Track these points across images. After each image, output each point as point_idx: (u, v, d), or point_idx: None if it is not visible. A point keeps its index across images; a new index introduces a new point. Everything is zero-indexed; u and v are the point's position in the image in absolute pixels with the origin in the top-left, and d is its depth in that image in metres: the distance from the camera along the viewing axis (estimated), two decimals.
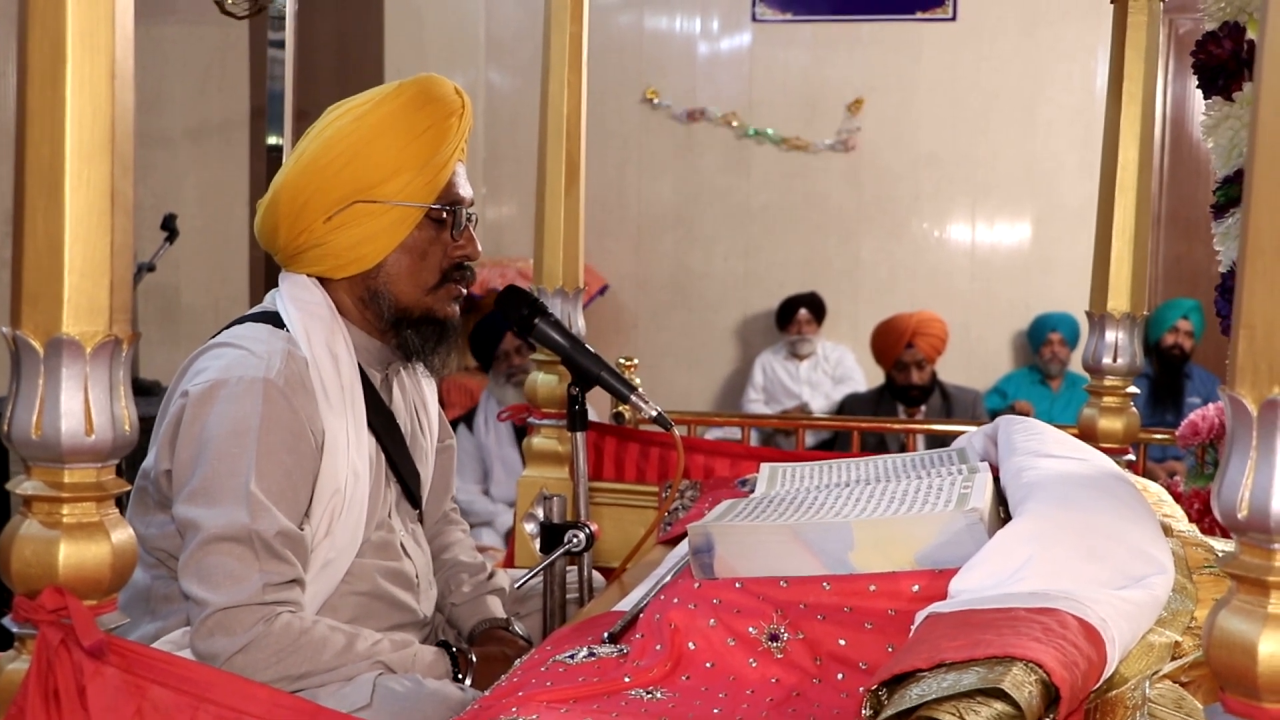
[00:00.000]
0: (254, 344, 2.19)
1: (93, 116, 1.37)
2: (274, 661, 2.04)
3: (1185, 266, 7.80)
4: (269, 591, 2.05)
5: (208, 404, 2.12)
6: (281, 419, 2.13)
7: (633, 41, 8.13)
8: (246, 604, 2.04)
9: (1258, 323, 1.11)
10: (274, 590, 2.06)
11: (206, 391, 2.13)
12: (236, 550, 2.05)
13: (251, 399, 2.11)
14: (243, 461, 2.08)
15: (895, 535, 1.78)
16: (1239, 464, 1.12)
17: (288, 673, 2.06)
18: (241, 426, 2.10)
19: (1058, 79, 7.81)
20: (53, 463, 1.41)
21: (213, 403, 2.12)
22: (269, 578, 2.06)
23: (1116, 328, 2.95)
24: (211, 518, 2.06)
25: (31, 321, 1.39)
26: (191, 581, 2.05)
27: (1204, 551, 1.84)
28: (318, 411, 2.19)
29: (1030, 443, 2.06)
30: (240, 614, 2.04)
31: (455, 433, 2.85)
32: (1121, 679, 1.45)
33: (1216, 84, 2.87)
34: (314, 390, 2.19)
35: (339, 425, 2.22)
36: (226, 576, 2.04)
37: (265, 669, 2.03)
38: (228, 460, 2.09)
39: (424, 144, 2.27)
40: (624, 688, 1.67)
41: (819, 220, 8.06)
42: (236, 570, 2.05)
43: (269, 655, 2.04)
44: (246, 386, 2.12)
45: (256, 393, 2.12)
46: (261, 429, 2.10)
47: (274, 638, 2.04)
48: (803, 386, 7.71)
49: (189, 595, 2.07)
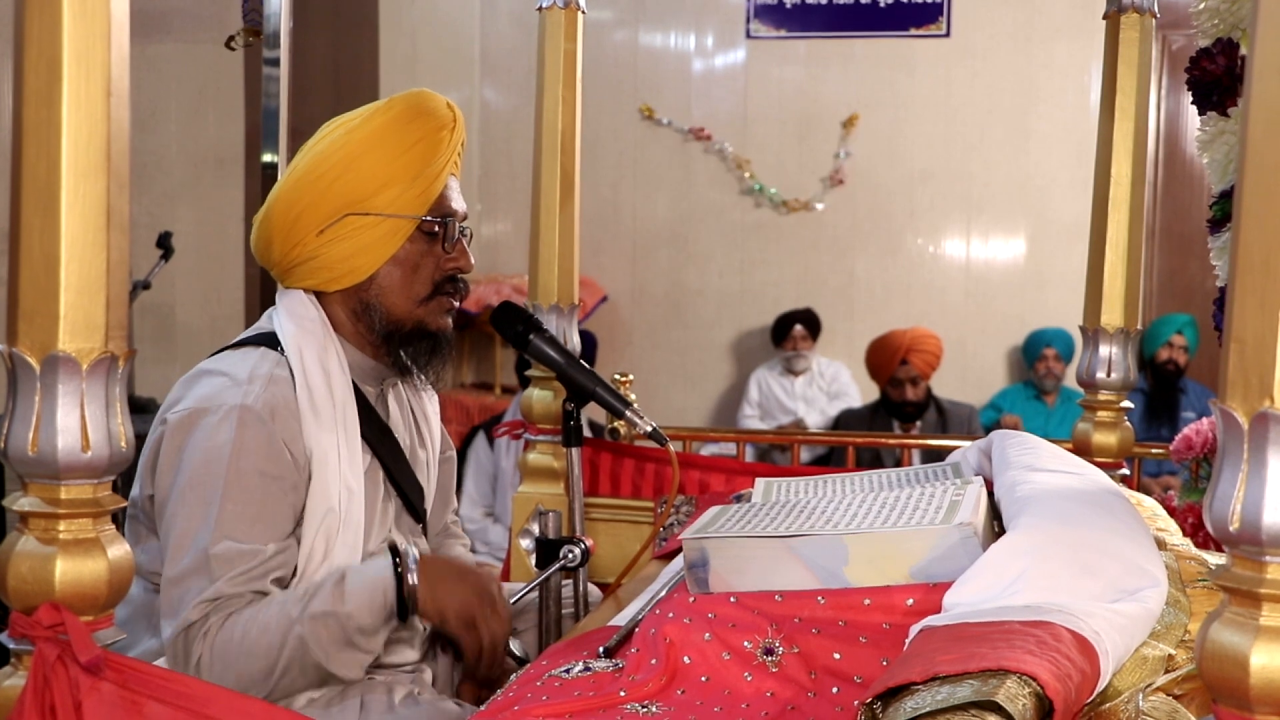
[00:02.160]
0: (237, 369, 2.21)
1: (89, 134, 1.38)
2: (224, 670, 2.08)
3: (1179, 281, 7.81)
4: (196, 610, 2.08)
5: (184, 432, 2.16)
6: (256, 446, 2.15)
7: (627, 58, 8.15)
8: (178, 630, 2.08)
9: (1248, 336, 1.11)
10: (200, 608, 2.09)
11: (184, 420, 2.17)
12: (188, 581, 2.10)
13: (226, 427, 2.15)
14: (213, 490, 2.12)
15: (890, 549, 1.78)
16: (1230, 477, 1.13)
17: (250, 676, 2.08)
18: (214, 455, 2.13)
19: (1051, 95, 7.83)
20: (49, 479, 1.41)
21: (189, 431, 2.16)
22: (200, 596, 2.09)
23: (1110, 342, 2.96)
24: (174, 554, 2.12)
25: (28, 338, 1.39)
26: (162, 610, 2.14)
27: (1198, 565, 1.84)
28: (302, 432, 2.20)
29: (1025, 457, 2.06)
30: (177, 642, 2.09)
31: (473, 442, 2.85)
32: (1115, 692, 1.45)
33: (1211, 99, 2.88)
34: (299, 411, 2.21)
35: (329, 442, 2.22)
36: (171, 609, 2.11)
37: (226, 681, 2.06)
38: (198, 489, 2.12)
39: (415, 157, 2.28)
40: (619, 702, 1.67)
41: (814, 236, 8.07)
42: (183, 599, 2.10)
43: (217, 668, 2.07)
44: (224, 415, 2.16)
45: (231, 421, 2.15)
46: (232, 457, 2.13)
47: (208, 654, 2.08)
48: (798, 402, 7.71)
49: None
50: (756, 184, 8.05)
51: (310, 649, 2.09)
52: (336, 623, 2.11)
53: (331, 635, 2.10)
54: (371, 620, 2.13)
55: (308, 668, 2.11)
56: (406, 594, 2.16)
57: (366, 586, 2.14)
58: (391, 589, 2.15)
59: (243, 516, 2.12)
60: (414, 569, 2.17)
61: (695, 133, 8.07)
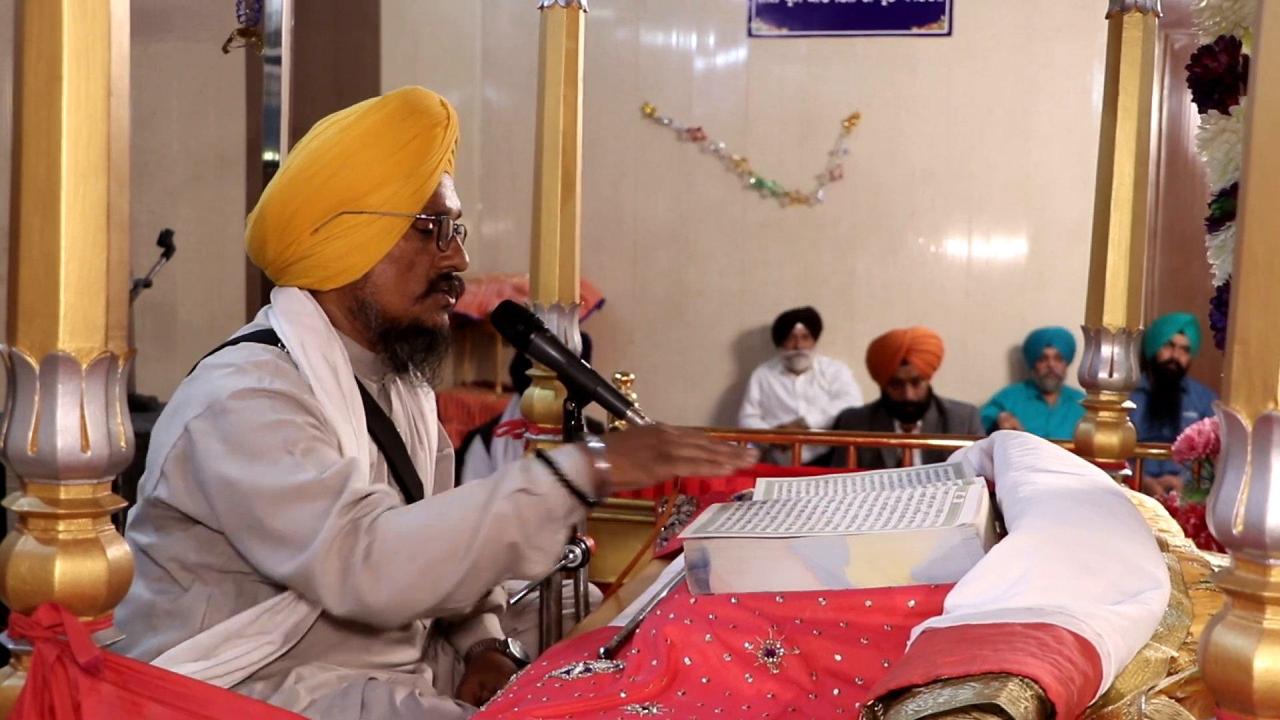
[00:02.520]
0: (240, 360, 2.19)
1: (89, 134, 1.37)
2: (406, 560, 2.01)
3: (1181, 281, 7.81)
4: (338, 515, 2.02)
5: (215, 421, 2.11)
6: (291, 409, 2.13)
7: (629, 57, 8.15)
8: (326, 541, 2.01)
9: (1252, 338, 1.11)
10: (344, 510, 2.03)
11: (209, 411, 2.12)
12: (309, 509, 2.04)
13: (257, 402, 2.11)
14: (277, 443, 2.08)
15: (891, 550, 1.77)
16: (1234, 479, 1.12)
17: (440, 556, 2.01)
18: (261, 422, 2.09)
19: (1053, 94, 7.83)
20: (49, 479, 1.41)
21: (219, 418, 2.11)
22: (338, 504, 2.03)
23: (1112, 342, 2.95)
24: (276, 505, 2.05)
25: (28, 338, 1.39)
26: (284, 561, 2.05)
27: (1200, 567, 1.84)
28: (320, 410, 2.19)
29: (1026, 458, 2.06)
30: (329, 554, 2.01)
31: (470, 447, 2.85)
32: (1117, 694, 1.45)
33: (1212, 98, 2.88)
34: (316, 395, 2.20)
35: (345, 434, 2.22)
36: (300, 532, 2.03)
37: (400, 574, 2.00)
38: (266, 450, 2.07)
39: (409, 154, 2.28)
40: (620, 703, 1.67)
41: (814, 236, 8.07)
42: (312, 527, 2.03)
43: (394, 558, 2.01)
44: (247, 394, 2.12)
45: (258, 396, 2.12)
46: (277, 417, 2.11)
47: (366, 554, 2.01)
48: (799, 401, 7.71)
49: (295, 580, 2.06)
50: (754, 178, 8.04)
51: (507, 527, 2.02)
52: (537, 500, 2.05)
53: (534, 510, 2.04)
54: (563, 510, 2.07)
55: (499, 554, 2.03)
56: (594, 480, 2.09)
57: (549, 482, 2.07)
58: (568, 494, 2.08)
59: (318, 446, 2.11)
60: (602, 457, 2.09)
61: (691, 133, 8.06)
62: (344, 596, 2.01)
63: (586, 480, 2.07)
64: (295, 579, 2.06)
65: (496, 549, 2.03)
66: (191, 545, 2.18)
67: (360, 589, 2.00)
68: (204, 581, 2.19)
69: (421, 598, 2.02)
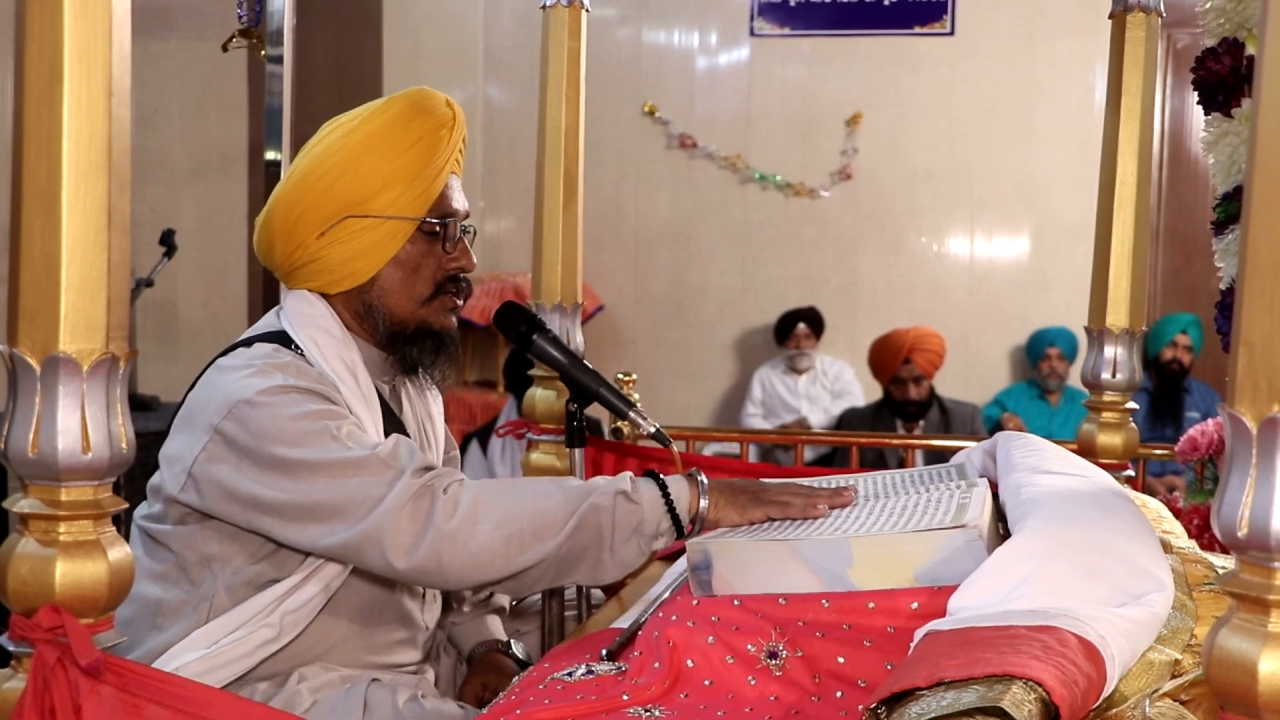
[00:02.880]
0: (258, 361, 2.18)
1: (90, 134, 1.37)
2: (493, 526, 2.00)
3: (1183, 281, 7.80)
4: (415, 477, 2.02)
5: (247, 420, 2.08)
6: (318, 401, 2.12)
7: (631, 56, 8.15)
8: (399, 501, 2.00)
9: (1257, 340, 1.11)
10: (418, 474, 2.03)
11: (236, 413, 2.09)
12: (369, 480, 2.02)
13: (287, 397, 2.10)
14: (319, 430, 2.07)
15: (894, 552, 1.77)
16: (1239, 482, 1.12)
17: (519, 532, 2.00)
18: (296, 414, 2.08)
19: (1055, 93, 7.82)
20: (49, 481, 1.41)
21: (249, 417, 2.08)
22: (409, 470, 2.03)
23: (1115, 343, 2.95)
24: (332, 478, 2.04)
25: (28, 339, 1.39)
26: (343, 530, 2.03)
27: (1203, 568, 1.83)
28: (349, 408, 2.19)
29: (1029, 459, 2.06)
30: (400, 510, 2.00)
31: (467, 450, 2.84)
32: (1121, 697, 1.45)
33: (1216, 100, 2.87)
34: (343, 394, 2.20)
35: (369, 430, 2.21)
36: (364, 500, 2.02)
37: (485, 538, 1.99)
38: (309, 435, 2.06)
39: (414, 157, 2.27)
40: (622, 705, 1.67)
41: (817, 235, 8.07)
42: (372, 488, 2.02)
43: (482, 522, 2.00)
44: (273, 390, 2.10)
45: (286, 392, 2.10)
46: (312, 407, 2.10)
47: (455, 509, 2.00)
48: (801, 401, 7.71)
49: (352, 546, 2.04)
50: (756, 173, 8.03)
51: (602, 521, 2.01)
52: (634, 508, 2.04)
53: (628, 516, 2.03)
54: (654, 528, 2.06)
55: (584, 545, 2.02)
56: (694, 513, 2.07)
57: (653, 496, 2.07)
58: (665, 514, 2.07)
59: (359, 431, 2.11)
60: (705, 495, 2.08)
61: (681, 140, 8.05)
62: (416, 552, 1.99)
63: (686, 507, 2.07)
64: (352, 544, 2.02)
65: (584, 539, 2.01)
66: (214, 536, 2.17)
67: (440, 546, 1.98)
68: (214, 576, 2.18)
69: (497, 566, 2.01)
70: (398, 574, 2.05)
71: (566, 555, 2.01)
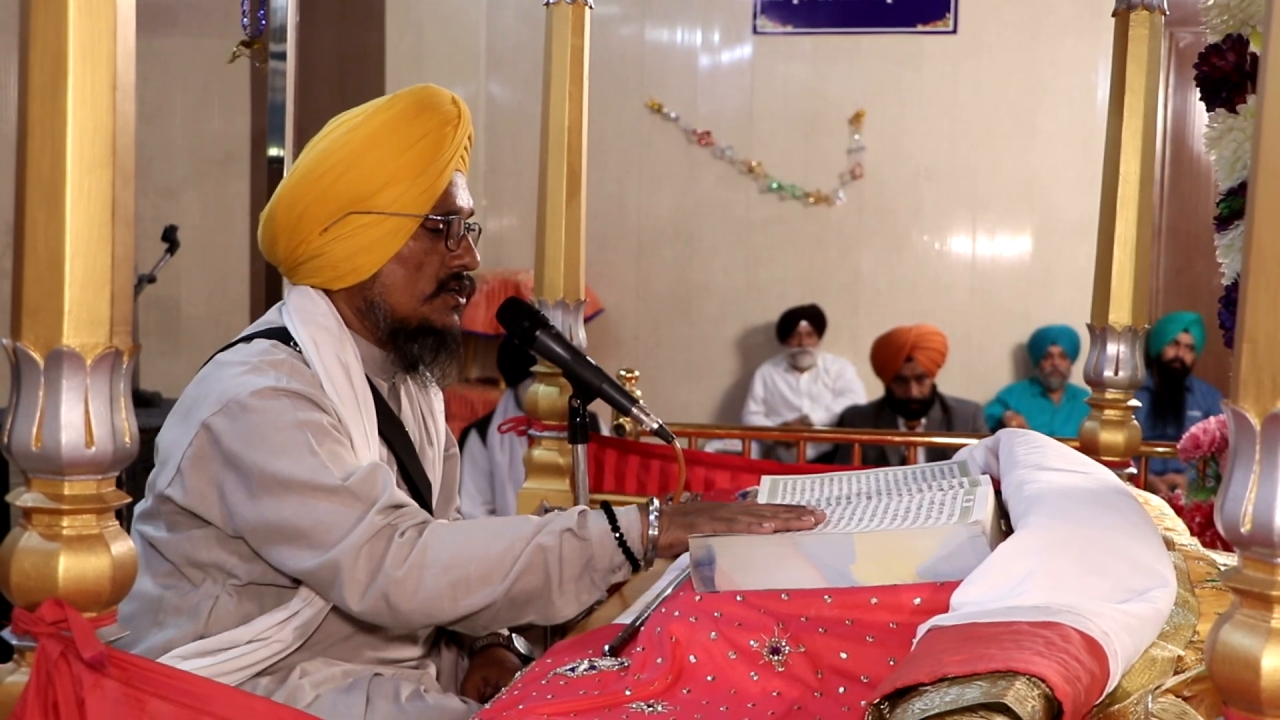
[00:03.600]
0: (254, 359, 2.18)
1: (94, 129, 1.37)
2: (441, 571, 2.02)
3: (1186, 279, 7.80)
4: (378, 517, 2.04)
5: (235, 417, 2.10)
6: (308, 408, 2.13)
7: (634, 54, 8.15)
8: (359, 540, 2.02)
9: (1260, 336, 1.11)
10: (383, 514, 2.05)
11: (228, 408, 2.11)
12: (336, 514, 2.04)
13: (276, 401, 2.11)
14: (301, 442, 2.08)
15: (897, 548, 1.77)
16: (1242, 478, 1.12)
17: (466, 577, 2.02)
18: (282, 421, 2.09)
19: (1058, 91, 7.82)
20: (53, 475, 1.41)
21: (239, 415, 2.10)
22: (374, 507, 2.05)
23: (1118, 341, 2.95)
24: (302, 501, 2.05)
25: (32, 333, 1.39)
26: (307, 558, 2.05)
27: (1206, 565, 1.83)
28: (333, 411, 2.19)
29: (1032, 456, 2.06)
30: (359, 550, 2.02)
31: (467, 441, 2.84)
32: (1124, 693, 1.45)
33: (1220, 96, 2.87)
34: (328, 395, 2.20)
35: (354, 432, 2.21)
36: (330, 529, 2.04)
37: (432, 583, 2.02)
38: (289, 448, 2.08)
39: (418, 154, 2.27)
40: (625, 701, 1.67)
41: (819, 233, 8.06)
42: (339, 520, 2.04)
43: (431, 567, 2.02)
44: (264, 392, 2.11)
45: (277, 395, 2.11)
46: (299, 416, 2.10)
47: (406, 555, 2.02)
48: (803, 399, 7.71)
49: (316, 576, 2.07)
50: (774, 182, 8.04)
51: (548, 560, 2.03)
52: (582, 545, 2.05)
53: (576, 553, 2.04)
54: (606, 562, 2.07)
55: (531, 587, 2.04)
56: (646, 543, 2.08)
57: (601, 530, 2.08)
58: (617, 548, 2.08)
59: (341, 450, 2.12)
60: (655, 523, 2.09)
61: (700, 136, 8.06)
62: (369, 595, 2.02)
63: (638, 537, 2.07)
64: (317, 574, 2.06)
65: (531, 581, 2.03)
66: (203, 544, 2.18)
67: (389, 591, 2.01)
68: (214, 580, 2.19)
69: (445, 609, 2.04)
70: (352, 613, 2.08)
71: (515, 597, 2.04)
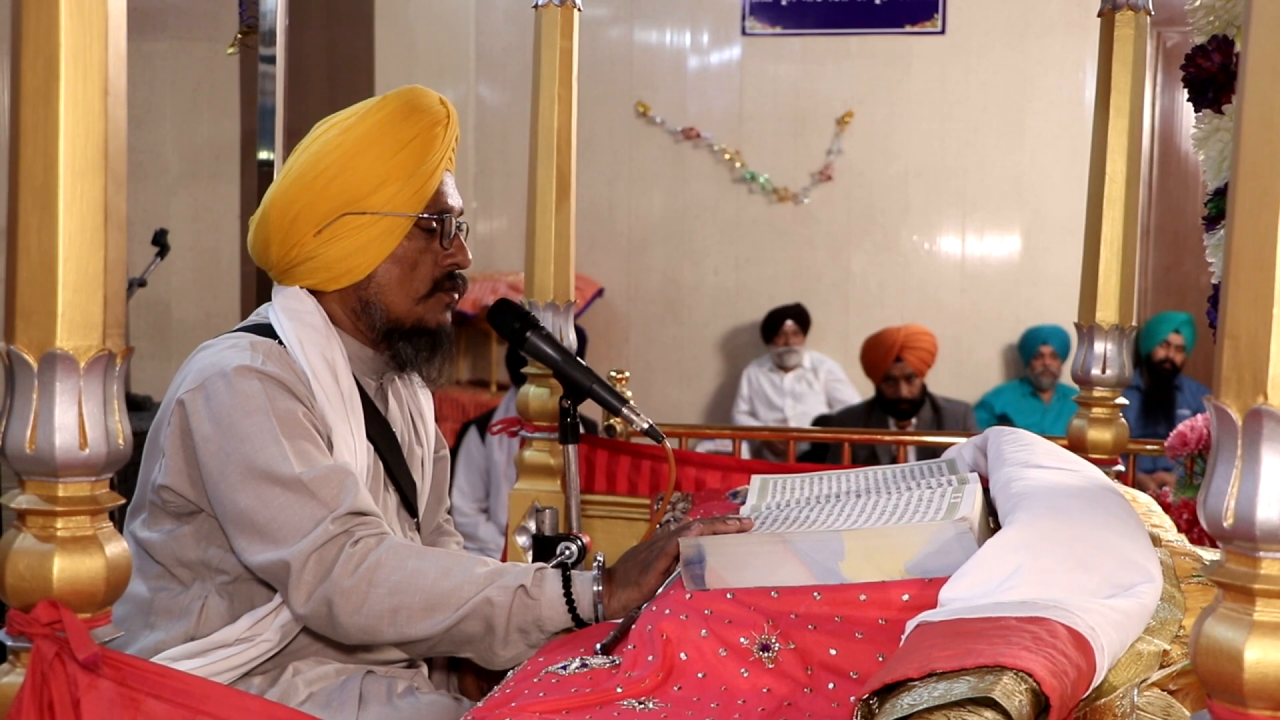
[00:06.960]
0: (239, 343, 2.21)
1: (86, 133, 1.38)
2: (387, 594, 2.04)
3: (1174, 279, 7.82)
4: (335, 524, 2.06)
5: (207, 398, 2.13)
6: (283, 394, 2.15)
7: (623, 55, 8.16)
8: (313, 544, 2.05)
9: (1241, 333, 1.12)
10: (341, 521, 2.07)
11: (201, 388, 2.14)
12: (293, 510, 2.07)
13: (248, 381, 2.13)
14: (267, 430, 2.10)
15: (885, 545, 1.78)
16: (1224, 473, 1.13)
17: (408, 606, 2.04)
18: (252, 404, 2.11)
19: (1046, 92, 7.84)
20: (47, 476, 1.41)
21: (211, 396, 2.13)
22: (335, 513, 2.07)
23: (1105, 339, 2.95)
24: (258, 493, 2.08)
25: (25, 336, 1.40)
26: (259, 551, 2.08)
27: (1192, 561, 1.84)
28: (315, 406, 2.20)
29: (1020, 454, 2.07)
30: (310, 559, 2.05)
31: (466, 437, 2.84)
32: (1110, 687, 1.46)
33: (1206, 96, 2.88)
34: (313, 392, 2.21)
35: (339, 431, 2.22)
36: (283, 527, 2.07)
37: (376, 603, 2.04)
38: (254, 435, 2.10)
39: (410, 154, 2.28)
40: (616, 698, 1.67)
41: (808, 233, 8.08)
42: (295, 525, 2.06)
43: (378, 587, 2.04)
44: (240, 373, 2.13)
45: (252, 376, 2.14)
46: (269, 401, 2.12)
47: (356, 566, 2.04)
48: (786, 399, 7.71)
49: (267, 571, 2.09)
50: (748, 172, 8.05)
51: (493, 615, 2.04)
52: (532, 604, 2.06)
53: (525, 612, 2.05)
54: (553, 625, 2.08)
55: (472, 632, 2.05)
56: (594, 611, 2.09)
57: (553, 594, 2.09)
58: (566, 614, 2.08)
59: (309, 446, 2.13)
60: (604, 585, 2.10)
61: (686, 133, 8.07)
62: (313, 600, 2.05)
63: (589, 604, 2.09)
64: (267, 569, 2.09)
65: (473, 628, 2.06)
66: (191, 541, 2.19)
67: (333, 600, 2.04)
68: (203, 580, 2.20)
69: (385, 631, 2.06)
70: (296, 616, 2.10)
71: (456, 637, 2.07)
